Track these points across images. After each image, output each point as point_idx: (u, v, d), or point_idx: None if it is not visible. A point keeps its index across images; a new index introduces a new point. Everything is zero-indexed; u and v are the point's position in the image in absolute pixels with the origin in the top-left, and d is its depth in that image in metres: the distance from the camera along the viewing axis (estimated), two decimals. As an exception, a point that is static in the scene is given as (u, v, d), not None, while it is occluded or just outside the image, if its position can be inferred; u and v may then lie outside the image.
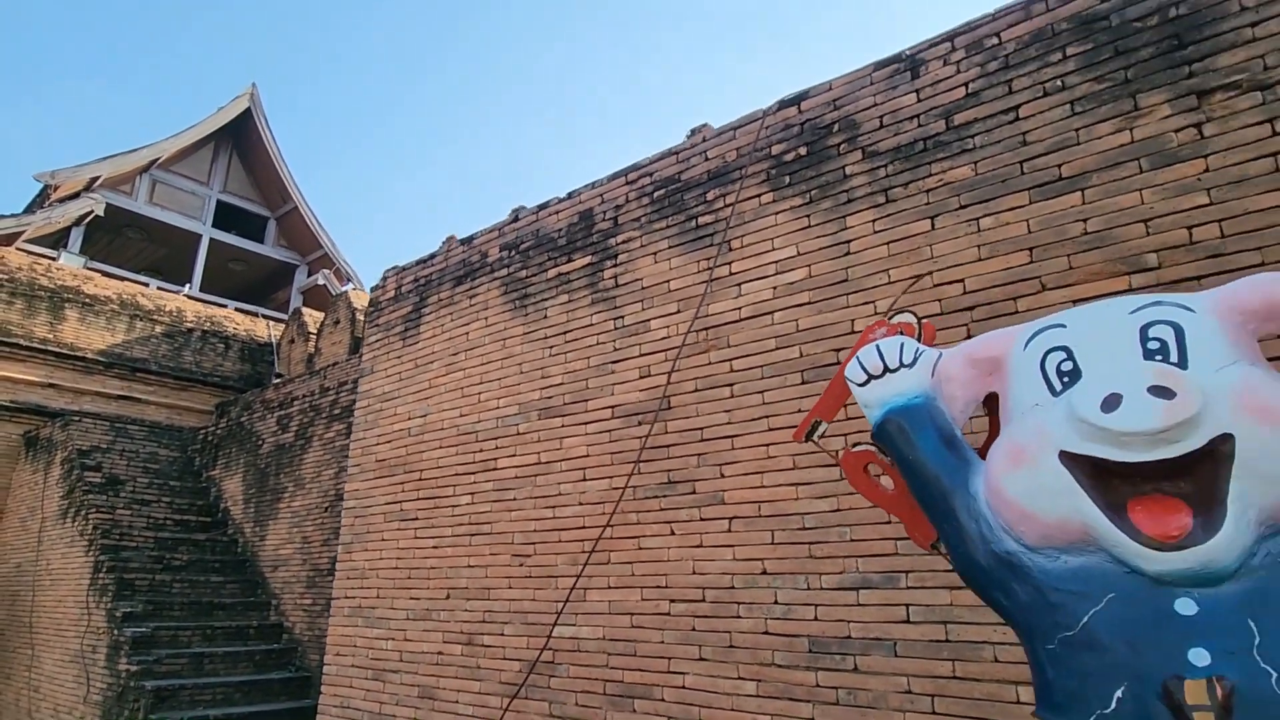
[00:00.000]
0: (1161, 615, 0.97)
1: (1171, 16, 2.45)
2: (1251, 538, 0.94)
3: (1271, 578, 0.94)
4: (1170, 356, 1.04)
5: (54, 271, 11.46)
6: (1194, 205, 2.29)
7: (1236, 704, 0.88)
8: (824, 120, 3.23)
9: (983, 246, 2.67)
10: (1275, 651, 0.90)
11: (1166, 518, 0.97)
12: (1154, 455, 0.97)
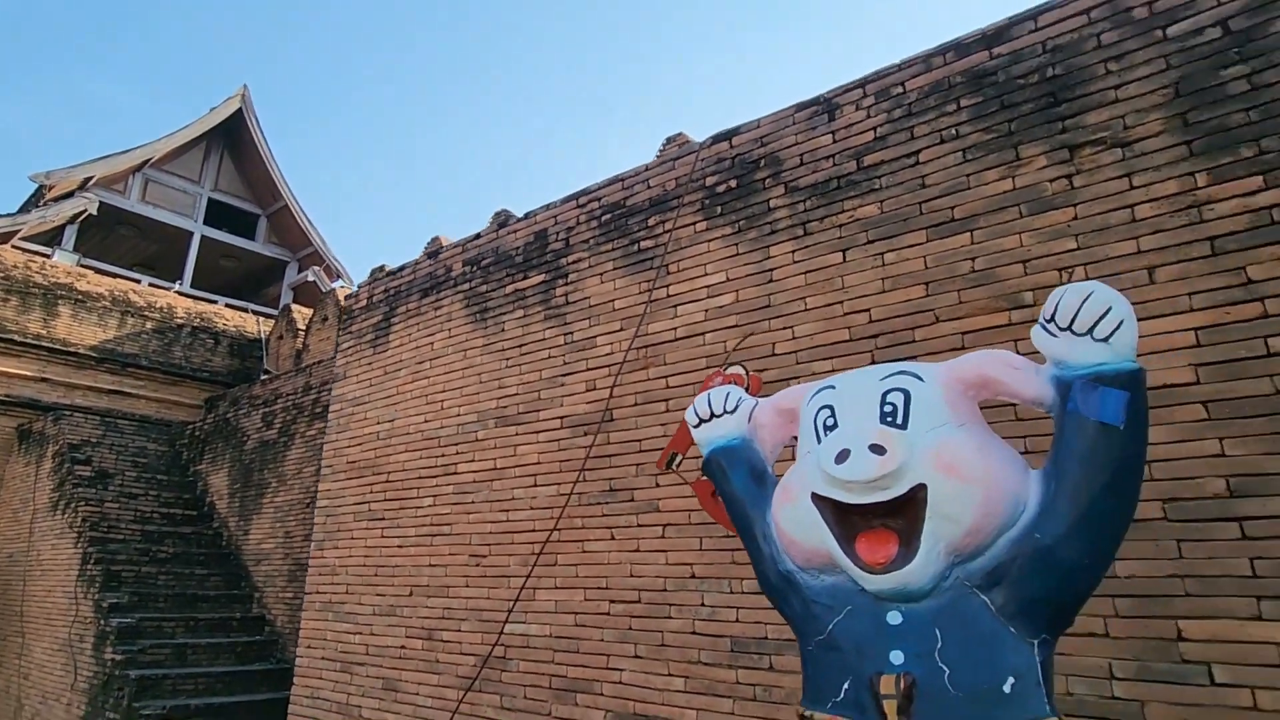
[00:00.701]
0: (878, 624, 1.22)
1: (1049, 75, 2.69)
2: (942, 565, 1.19)
3: (956, 597, 1.18)
4: (897, 419, 1.28)
5: (48, 269, 11.65)
6: (1064, 249, 2.53)
7: (917, 694, 1.13)
8: (752, 155, 3.46)
9: (886, 280, 2.91)
10: (951, 654, 1.14)
11: (879, 547, 1.21)
12: (871, 499, 1.22)
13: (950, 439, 1.24)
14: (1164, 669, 2.08)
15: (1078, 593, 1.20)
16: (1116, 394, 1.18)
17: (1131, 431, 1.19)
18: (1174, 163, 2.38)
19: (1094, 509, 1.17)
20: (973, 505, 1.17)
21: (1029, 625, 1.16)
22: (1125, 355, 1.21)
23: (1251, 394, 2.11)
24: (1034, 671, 1.13)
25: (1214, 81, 2.37)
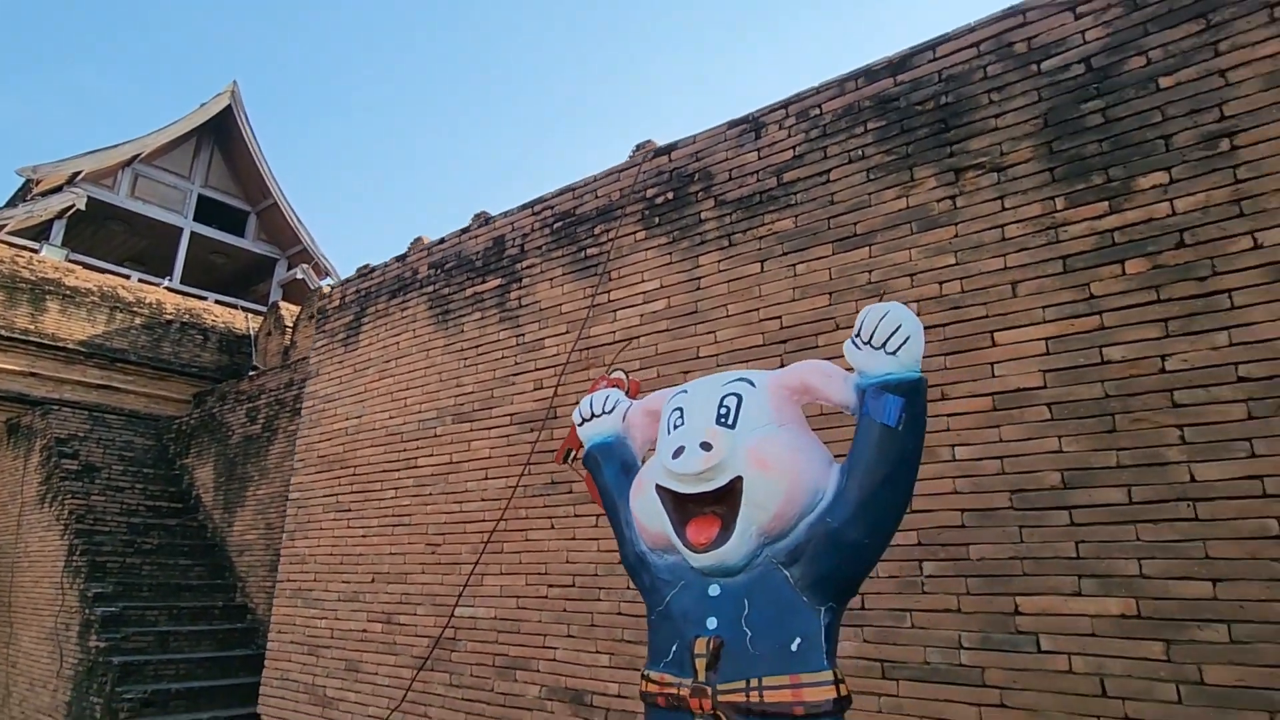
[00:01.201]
0: (701, 596, 1.47)
1: (942, 103, 2.95)
2: (754, 545, 1.44)
3: (765, 572, 1.44)
4: (728, 420, 1.53)
5: (35, 264, 11.83)
6: (945, 265, 2.79)
7: (723, 653, 1.38)
8: (688, 170, 3.72)
9: (796, 289, 3.17)
10: (755, 619, 1.40)
11: (703, 530, 1.46)
12: (699, 488, 1.47)
13: (766, 438, 1.48)
14: (1001, 639, 2.35)
15: (859, 568, 1.46)
16: (895, 400, 1.42)
17: (908, 432, 1.43)
18: (1038, 187, 2.64)
19: (874, 498, 1.42)
20: (778, 495, 1.42)
21: (819, 595, 1.41)
22: (909, 366, 1.45)
23: (1086, 397, 2.38)
24: (818, 634, 1.38)
25: (1075, 114, 2.62)
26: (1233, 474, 2.12)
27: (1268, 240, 2.20)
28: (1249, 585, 2.03)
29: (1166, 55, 2.48)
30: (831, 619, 1.41)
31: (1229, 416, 2.15)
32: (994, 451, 2.52)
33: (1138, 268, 2.39)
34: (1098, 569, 2.26)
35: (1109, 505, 2.28)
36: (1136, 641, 2.16)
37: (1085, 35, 2.66)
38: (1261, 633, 2.00)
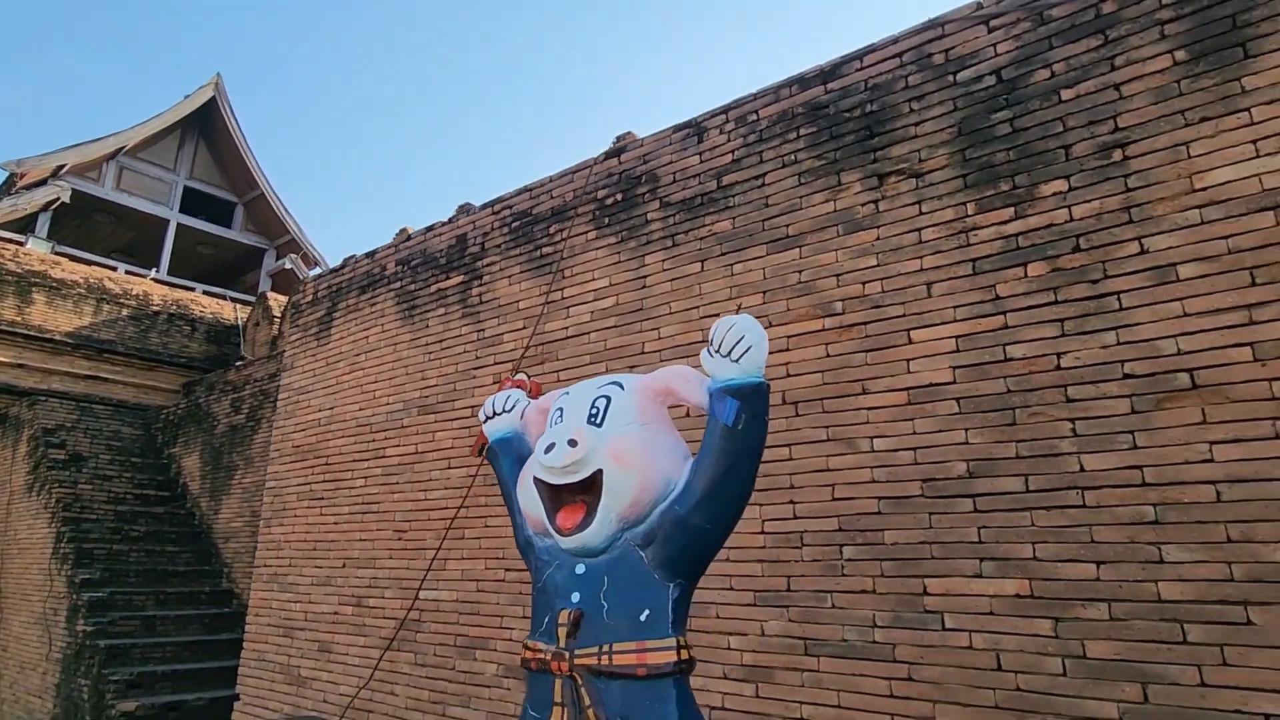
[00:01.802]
0: (570, 574, 1.63)
1: (868, 111, 3.08)
2: (614, 529, 1.60)
3: (624, 553, 1.60)
4: (597, 419, 1.69)
5: (21, 256, 11.88)
6: (867, 266, 2.94)
7: (583, 623, 1.55)
8: (636, 172, 3.85)
9: (733, 288, 3.31)
10: (612, 594, 1.56)
11: (571, 517, 1.62)
12: (566, 480, 1.63)
13: (626, 436, 1.64)
14: (911, 618, 2.52)
15: (704, 550, 1.62)
16: (734, 402, 1.59)
17: (746, 431, 1.59)
18: (952, 193, 2.78)
19: (716, 489, 1.58)
20: (633, 485, 1.58)
21: (669, 573, 1.58)
22: (750, 373, 1.61)
23: (990, 392, 2.53)
24: (665, 607, 1.55)
25: (986, 123, 2.76)
26: (1116, 464, 2.28)
27: (1153, 246, 2.35)
28: (1128, 567, 2.20)
29: (1068, 69, 2.62)
30: (680, 594, 1.57)
31: (1114, 411, 2.31)
32: (908, 443, 2.68)
33: (1038, 270, 2.54)
34: (996, 553, 2.42)
35: (1008, 493, 2.44)
36: (1028, 619, 2.33)
37: (996, 48, 2.79)
38: (1137, 610, 2.17)
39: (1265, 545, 2.02)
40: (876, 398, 2.79)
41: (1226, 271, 2.21)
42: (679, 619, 1.56)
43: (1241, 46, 2.31)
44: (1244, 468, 2.08)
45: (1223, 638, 2.02)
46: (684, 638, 1.55)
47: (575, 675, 1.52)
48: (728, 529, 1.64)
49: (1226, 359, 2.16)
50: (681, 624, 1.57)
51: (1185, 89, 2.38)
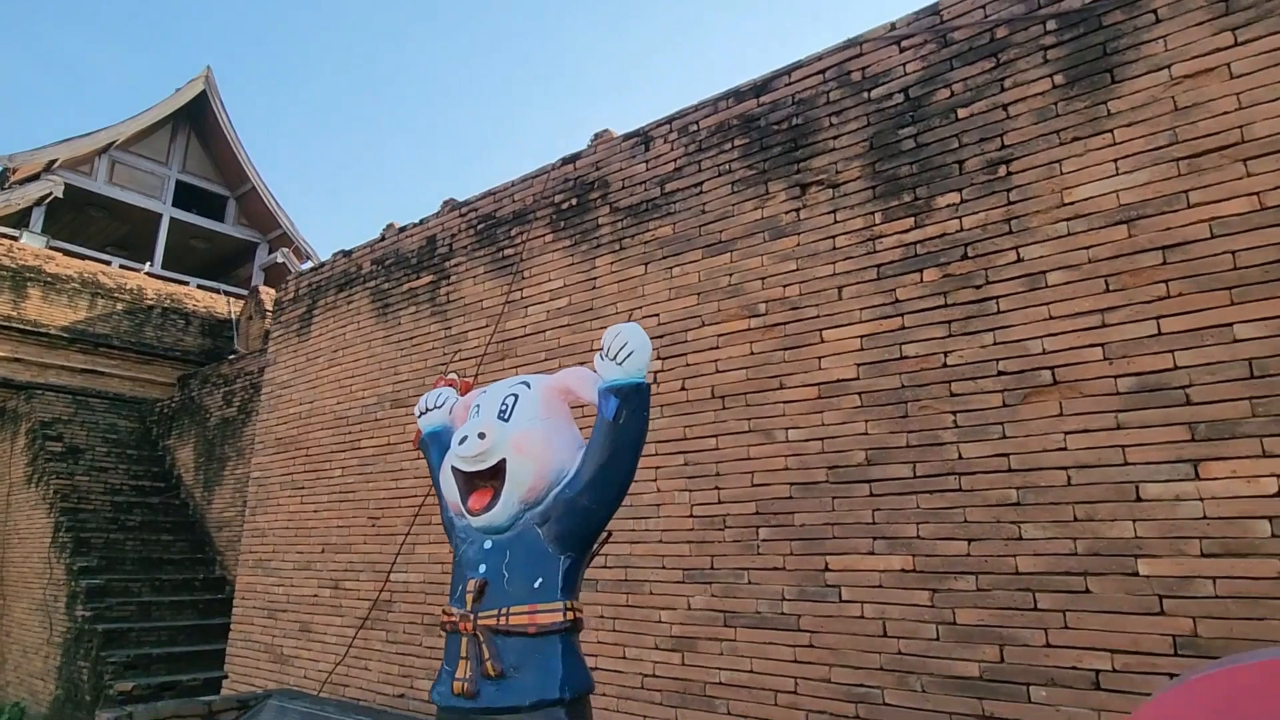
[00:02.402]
0: (480, 549, 1.90)
1: (794, 124, 3.31)
2: (516, 510, 1.86)
3: (524, 530, 1.86)
4: (505, 414, 1.94)
5: (16, 251, 12.10)
6: (788, 270, 3.18)
7: (486, 591, 1.81)
8: (589, 178, 4.08)
9: (672, 289, 3.56)
10: (512, 566, 1.82)
11: (480, 499, 1.89)
12: (476, 468, 1.89)
13: (527, 429, 1.90)
14: (813, 591, 2.79)
15: (590, 528, 1.89)
16: (614, 400, 1.85)
17: (626, 425, 1.85)
18: (863, 203, 3.02)
19: (599, 475, 1.85)
20: (531, 473, 1.85)
21: (560, 547, 1.84)
22: (631, 374, 1.86)
23: (887, 388, 2.79)
24: (556, 576, 1.81)
25: (894, 138, 3.00)
26: (988, 452, 2.53)
27: (1027, 255, 2.59)
28: (993, 543, 2.46)
29: (965, 89, 2.85)
30: (570, 564, 1.84)
31: (988, 404, 2.57)
32: (817, 434, 2.94)
33: (932, 276, 2.79)
34: (887, 532, 2.69)
35: (898, 479, 2.70)
36: (910, 591, 2.59)
37: (905, 67, 3.03)
38: (998, 582, 2.43)
39: (1103, 523, 2.28)
40: (792, 392, 3.05)
41: (1086, 279, 2.46)
42: (568, 586, 1.83)
43: (1109, 72, 2.54)
44: (1090, 455, 2.34)
45: (1065, 604, 2.28)
46: (573, 601, 1.82)
47: (478, 634, 1.79)
48: (611, 509, 1.90)
49: (1081, 358, 2.41)
50: (571, 590, 1.84)
51: (1061, 110, 2.62)
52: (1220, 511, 2.13)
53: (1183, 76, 2.39)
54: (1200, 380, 2.22)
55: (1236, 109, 2.29)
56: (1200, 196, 2.30)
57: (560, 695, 1.70)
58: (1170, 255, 2.33)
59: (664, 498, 3.34)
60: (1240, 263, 2.21)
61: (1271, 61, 2.26)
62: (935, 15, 2.99)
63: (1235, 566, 2.09)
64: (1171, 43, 2.43)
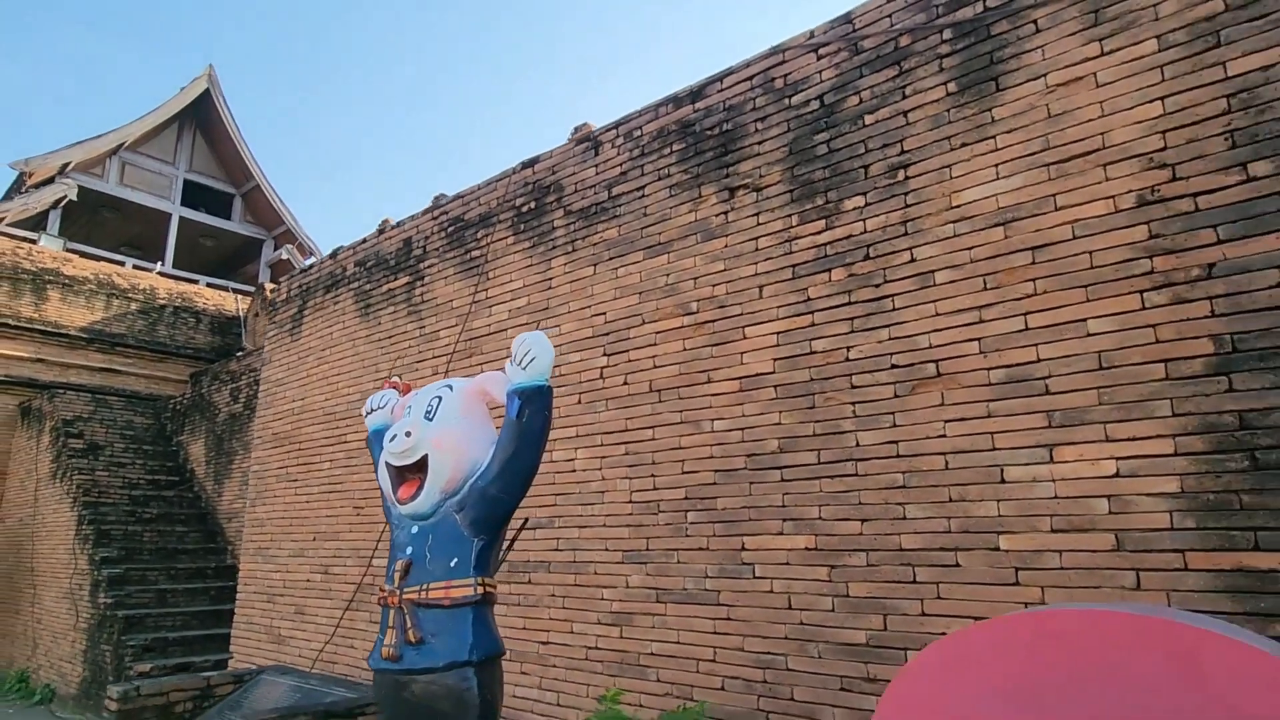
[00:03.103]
0: (408, 533, 2.17)
1: (724, 130, 3.51)
2: (438, 499, 2.12)
3: (444, 516, 2.13)
4: (430, 415, 2.20)
5: (35, 254, 12.57)
6: (717, 270, 3.39)
7: (411, 570, 2.08)
8: (545, 182, 4.30)
9: (617, 289, 3.79)
10: (434, 548, 2.09)
11: (407, 490, 2.15)
12: (403, 462, 2.15)
13: (447, 428, 2.16)
14: (732, 569, 3.03)
15: (499, 514, 2.14)
16: (517, 401, 2.10)
17: (528, 423, 2.10)
18: (782, 206, 3.22)
19: (506, 468, 2.10)
20: (449, 466, 2.11)
21: (474, 531, 2.10)
22: (534, 378, 2.12)
23: (798, 381, 3.00)
24: (469, 556, 2.08)
25: (810, 144, 3.19)
26: (880, 440, 2.75)
27: (920, 255, 2.79)
28: (881, 523, 2.69)
29: (871, 96, 3.03)
30: (482, 546, 2.10)
31: (882, 396, 2.78)
32: (738, 424, 3.16)
33: (839, 276, 2.99)
34: (794, 514, 2.92)
35: (805, 465, 2.93)
36: (812, 568, 2.83)
37: (821, 75, 3.21)
38: (885, 558, 2.66)
39: (973, 503, 2.49)
40: (718, 386, 3.27)
41: (967, 278, 2.65)
42: (481, 564, 2.09)
43: (995, 80, 2.71)
44: (964, 441, 2.55)
45: (939, 577, 2.51)
46: (485, 578, 2.08)
47: (403, 607, 2.07)
48: (517, 498, 2.17)
49: (961, 352, 2.61)
50: (483, 568, 2.10)
51: (953, 117, 2.79)
52: (1068, 491, 2.34)
53: (1056, 85, 2.56)
54: (1058, 372, 2.42)
55: (1100, 116, 2.46)
56: (1065, 200, 2.49)
57: (470, 658, 1.98)
58: (1038, 255, 2.51)
59: (607, 485, 3.59)
60: (1096, 262, 2.40)
61: (1131, 71, 2.42)
62: (848, 24, 3.16)
63: (1078, 541, 2.30)
64: (1048, 52, 2.60)
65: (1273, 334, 2.10)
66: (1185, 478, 2.18)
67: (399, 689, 2.05)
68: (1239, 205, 2.19)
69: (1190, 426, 2.19)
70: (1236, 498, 2.11)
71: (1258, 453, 2.09)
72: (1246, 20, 2.24)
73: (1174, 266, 2.27)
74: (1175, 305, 2.26)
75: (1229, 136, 2.23)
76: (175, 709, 3.78)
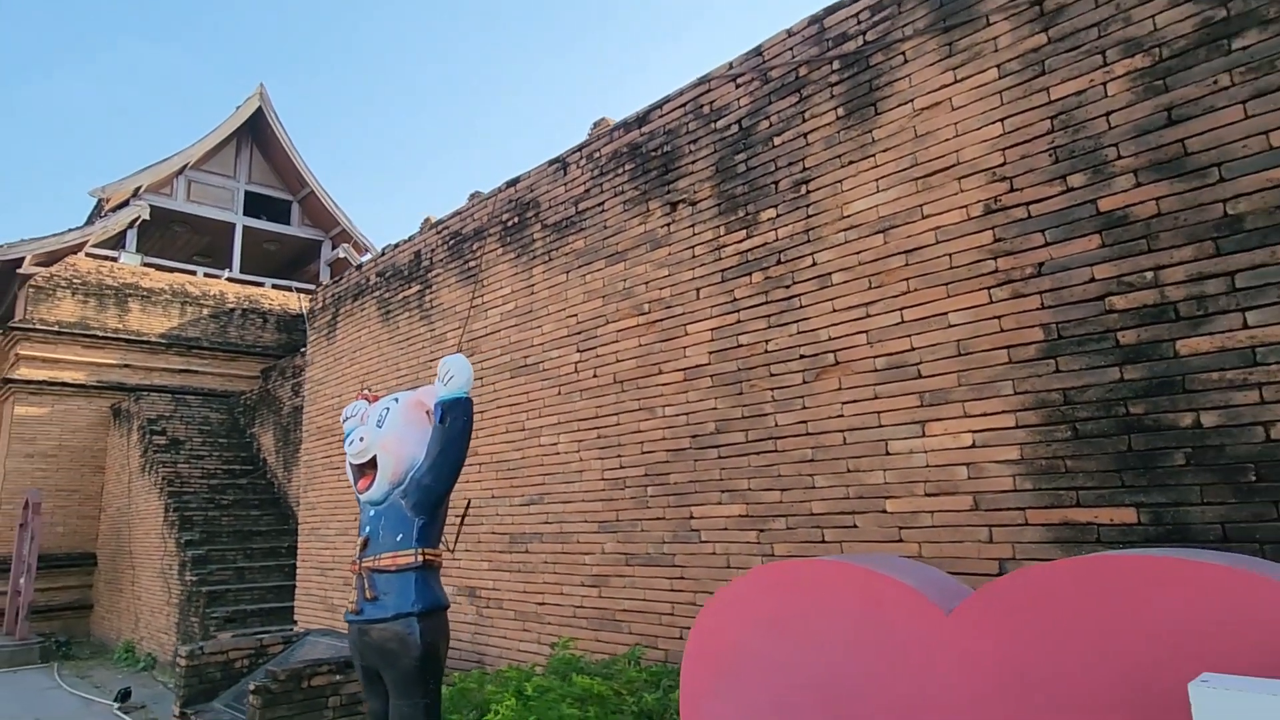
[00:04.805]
0: (368, 516, 2.76)
1: (665, 151, 3.95)
2: (387, 489, 2.70)
3: (393, 503, 2.70)
4: (380, 422, 2.77)
5: (116, 271, 13.88)
6: (663, 276, 3.86)
7: (369, 544, 2.67)
8: (525, 199, 4.82)
9: (585, 294, 4.29)
10: (386, 526, 2.67)
11: (365, 483, 2.73)
12: (359, 461, 2.73)
13: (392, 433, 2.73)
14: (684, 534, 3.53)
15: (432, 500, 2.69)
16: (440, 410, 2.65)
17: (449, 428, 2.65)
18: (712, 218, 3.66)
19: (434, 464, 2.66)
20: (392, 463, 2.68)
21: (416, 513, 2.67)
22: (454, 391, 2.66)
23: (728, 370, 3.46)
24: (411, 532, 2.64)
25: (732, 163, 3.60)
26: (794, 420, 3.19)
27: (819, 260, 3.19)
28: (796, 492, 3.14)
29: (779, 120, 3.42)
30: (423, 524, 2.67)
31: (794, 382, 3.21)
32: (683, 409, 3.65)
33: (758, 279, 3.42)
34: (730, 486, 3.39)
35: (736, 444, 3.39)
36: (745, 532, 3.31)
37: (740, 102, 3.61)
38: (800, 522, 3.11)
39: (865, 473, 2.92)
40: (667, 376, 3.75)
41: (856, 279, 3.05)
42: (421, 538, 2.67)
43: (874, 105, 3.08)
44: (857, 420, 2.97)
45: (841, 537, 2.95)
46: (425, 549, 2.65)
47: (362, 573, 2.66)
48: (448, 485, 2.72)
49: (853, 343, 3.02)
50: (425, 541, 2.67)
51: (842, 138, 3.18)
52: (937, 461, 2.75)
53: (921, 109, 2.92)
54: (927, 359, 2.81)
55: (955, 136, 2.82)
56: (930, 209, 2.86)
57: (412, 609, 2.56)
58: (910, 258, 2.90)
59: (585, 465, 4.13)
60: (954, 263, 2.77)
61: (977, 96, 2.77)
62: (759, 56, 3.55)
63: (945, 503, 2.72)
64: (914, 80, 2.95)
65: (1087, 323, 2.46)
66: (1024, 447, 2.57)
67: (362, 635, 2.65)
68: (1060, 212, 2.54)
69: (1027, 403, 2.57)
70: (1062, 463, 2.49)
71: (1077, 424, 2.47)
72: (1065, 50, 2.56)
73: (1012, 266, 2.64)
74: (1014, 299, 2.62)
75: (1052, 153, 2.57)
76: (235, 665, 4.55)
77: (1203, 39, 2.30)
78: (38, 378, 12.30)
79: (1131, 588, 1.33)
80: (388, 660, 2.57)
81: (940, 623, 1.53)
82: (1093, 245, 2.46)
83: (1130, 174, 2.40)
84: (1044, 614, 1.41)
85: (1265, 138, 2.16)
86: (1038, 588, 1.45)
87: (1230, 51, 2.25)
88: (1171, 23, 2.36)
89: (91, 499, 12.72)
